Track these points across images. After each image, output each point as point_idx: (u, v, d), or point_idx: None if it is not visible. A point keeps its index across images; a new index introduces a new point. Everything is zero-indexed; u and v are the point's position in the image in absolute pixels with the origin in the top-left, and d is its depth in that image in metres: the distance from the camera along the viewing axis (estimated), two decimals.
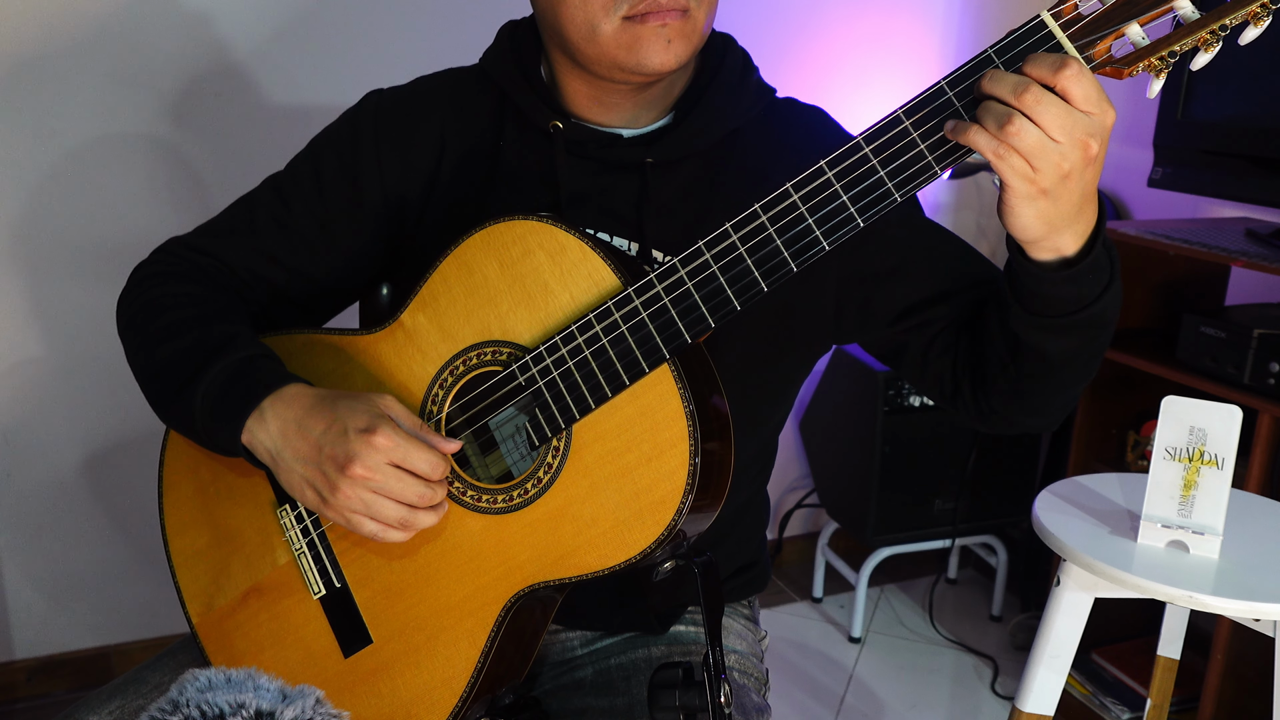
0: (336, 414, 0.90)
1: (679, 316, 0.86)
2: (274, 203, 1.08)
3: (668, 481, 0.84)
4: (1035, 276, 0.86)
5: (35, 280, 1.94)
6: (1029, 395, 0.97)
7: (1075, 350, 0.91)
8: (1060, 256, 0.85)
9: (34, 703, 2.10)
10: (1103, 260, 0.86)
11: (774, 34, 2.40)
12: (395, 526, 0.89)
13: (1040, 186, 0.78)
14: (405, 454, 0.88)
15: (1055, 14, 0.78)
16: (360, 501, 0.88)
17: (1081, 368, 0.94)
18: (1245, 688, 1.77)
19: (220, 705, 0.65)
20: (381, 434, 0.87)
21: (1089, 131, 0.76)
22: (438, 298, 0.95)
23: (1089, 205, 0.83)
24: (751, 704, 1.08)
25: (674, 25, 0.93)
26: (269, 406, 0.92)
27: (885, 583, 2.67)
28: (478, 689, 0.92)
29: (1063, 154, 0.77)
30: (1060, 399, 0.98)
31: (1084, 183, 0.79)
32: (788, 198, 0.84)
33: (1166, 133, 1.93)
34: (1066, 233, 0.83)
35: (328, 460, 0.89)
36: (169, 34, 1.91)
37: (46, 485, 2.04)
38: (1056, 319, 0.88)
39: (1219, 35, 0.76)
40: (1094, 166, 0.79)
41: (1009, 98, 0.76)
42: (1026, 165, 0.77)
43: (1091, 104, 0.76)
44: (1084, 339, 0.91)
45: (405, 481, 0.88)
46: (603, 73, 0.97)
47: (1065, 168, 0.77)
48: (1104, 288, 0.87)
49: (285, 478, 0.93)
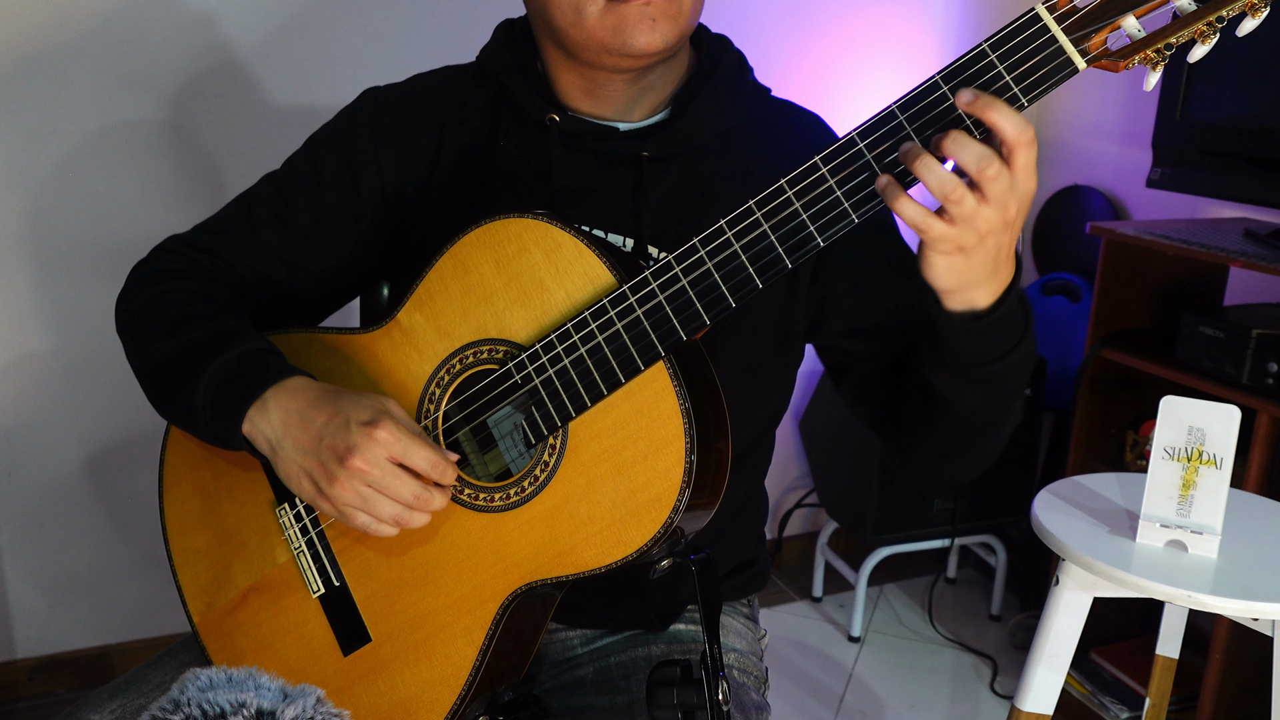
0: (340, 407, 0.90)
1: (674, 314, 0.86)
2: (273, 199, 1.08)
3: (664, 479, 0.84)
4: (946, 326, 0.87)
5: (36, 279, 1.95)
6: (936, 443, 0.99)
7: (979, 405, 0.93)
8: (971, 309, 0.86)
9: (35, 702, 2.10)
10: (1013, 318, 0.88)
11: (773, 35, 2.40)
12: (388, 523, 0.90)
13: (958, 244, 0.79)
14: (406, 449, 0.88)
15: (1050, 7, 0.78)
16: (357, 496, 0.88)
17: (986, 427, 0.96)
18: (1244, 687, 1.77)
19: (221, 704, 0.65)
20: (384, 428, 0.87)
21: (1018, 198, 0.78)
22: (434, 296, 0.95)
23: (1005, 265, 0.84)
24: (751, 702, 1.08)
25: (658, 5, 0.94)
26: (272, 397, 0.92)
27: (885, 582, 2.67)
28: (476, 686, 0.92)
29: (986, 218, 0.78)
30: (966, 458, 1.01)
31: (999, 244, 0.81)
32: (782, 194, 0.84)
33: (1165, 133, 1.93)
34: (980, 289, 0.84)
35: (327, 451, 0.88)
36: (171, 33, 1.92)
37: (47, 484, 2.04)
38: (964, 370, 0.90)
39: (1216, 27, 0.76)
40: (1012, 230, 0.80)
41: (971, 168, 0.76)
42: (949, 227, 0.78)
43: (1030, 173, 0.78)
44: (988, 395, 0.92)
45: (402, 479, 0.88)
46: (591, 58, 0.98)
47: (983, 230, 0.78)
48: (1012, 346, 0.89)
49: (283, 468, 0.92)
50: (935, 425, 0.97)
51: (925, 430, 0.98)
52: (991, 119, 0.76)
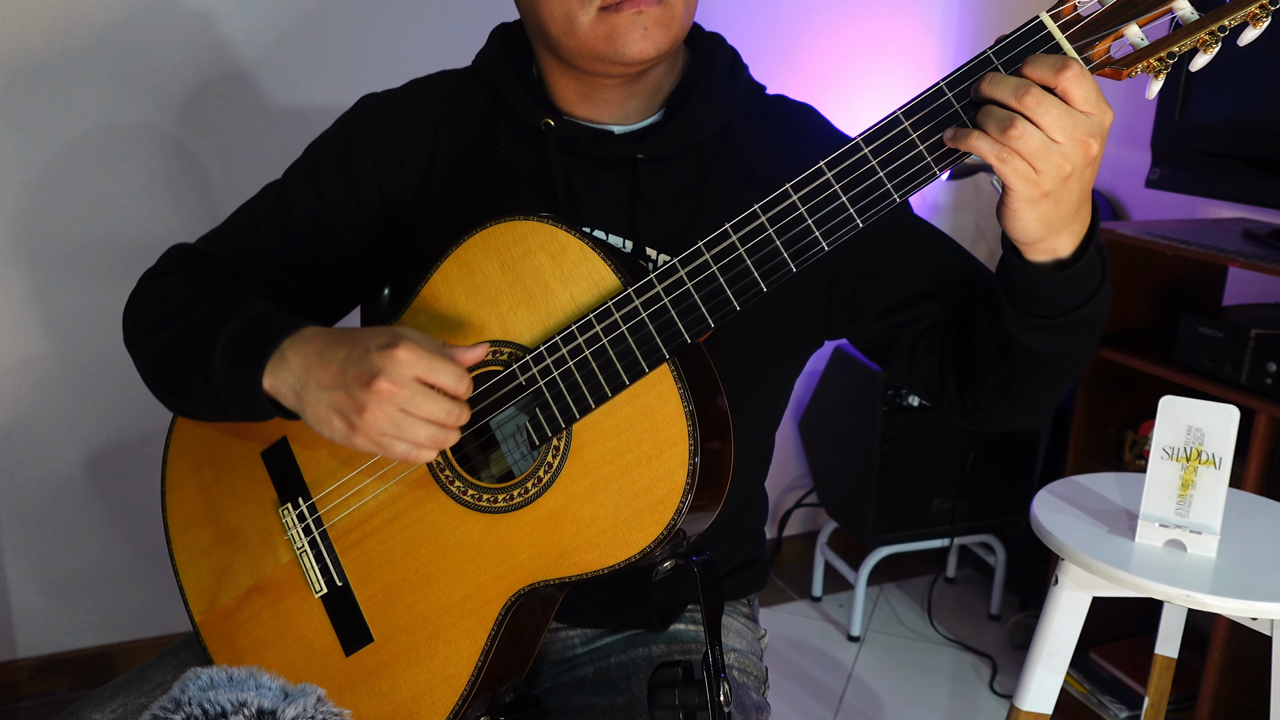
0: (357, 339, 0.89)
1: (679, 317, 0.86)
2: (274, 207, 1.08)
3: (667, 481, 0.85)
4: (1030, 278, 0.86)
5: (39, 280, 1.95)
6: (1017, 394, 0.97)
7: (1065, 350, 0.92)
8: (1055, 258, 0.85)
9: (36, 701, 2.10)
10: (1095, 262, 0.87)
11: (772, 36, 2.40)
12: (427, 445, 0.88)
13: (1043, 189, 0.78)
14: (430, 366, 0.86)
15: (1054, 15, 0.78)
16: (390, 421, 0.86)
17: (1070, 367, 0.95)
18: (1242, 686, 1.77)
19: (222, 703, 0.66)
20: (404, 347, 0.86)
21: (1089, 132, 0.77)
22: (439, 298, 0.96)
23: (1085, 206, 0.83)
24: (751, 702, 1.08)
25: (650, 13, 0.94)
26: (289, 346, 0.92)
27: (884, 582, 2.68)
28: (478, 687, 0.93)
29: (1065, 155, 0.77)
30: (1048, 398, 0.99)
31: (1083, 183, 0.80)
32: (787, 198, 0.84)
33: (1164, 134, 1.93)
34: (1064, 234, 0.83)
35: (353, 381, 0.87)
36: (173, 37, 1.92)
37: (49, 484, 2.04)
38: (1049, 319, 0.89)
39: (1218, 36, 0.76)
40: (1093, 166, 0.79)
41: (1010, 100, 0.76)
42: (1029, 168, 0.77)
43: (1091, 104, 0.76)
44: (1075, 339, 0.91)
45: (432, 397, 0.86)
46: (585, 65, 0.98)
47: (1067, 169, 0.78)
48: (1095, 289, 0.88)
49: (312, 412, 0.90)
50: (1018, 375, 0.95)
51: (1007, 382, 0.96)
52: (1024, 71, 0.77)
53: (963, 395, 1.01)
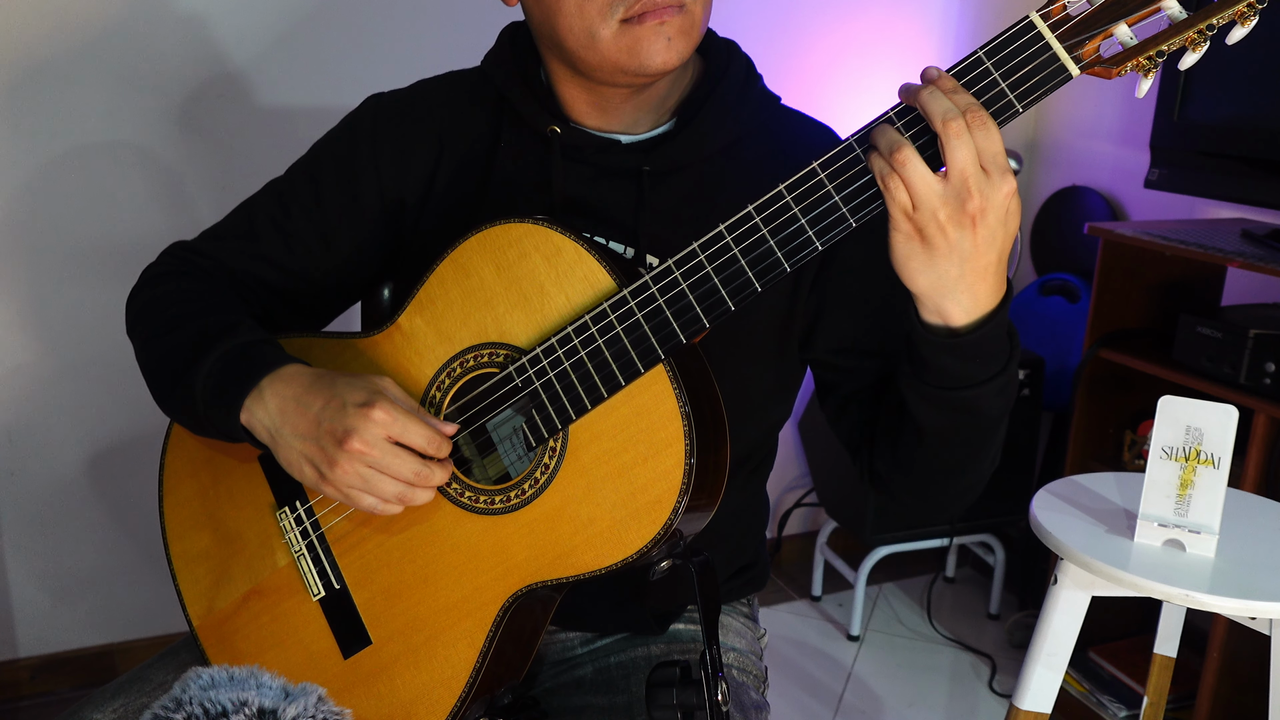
0: (335, 390, 0.90)
1: (674, 317, 0.86)
2: (273, 207, 1.08)
3: (664, 481, 0.85)
4: (919, 335, 0.86)
5: (39, 280, 1.95)
6: (910, 471, 0.97)
7: (947, 431, 0.91)
8: (946, 323, 0.85)
9: (37, 701, 2.10)
10: (996, 347, 0.86)
11: (772, 37, 2.40)
12: (393, 502, 0.90)
13: (916, 226, 0.79)
14: (403, 429, 0.88)
15: (1044, 15, 0.78)
16: (358, 477, 0.89)
17: (961, 457, 0.94)
18: (1241, 686, 1.77)
19: (223, 703, 0.66)
20: (380, 408, 0.88)
21: (978, 186, 0.77)
22: (435, 300, 0.96)
23: (981, 282, 0.82)
24: (750, 701, 1.08)
25: (673, 22, 0.93)
26: (268, 385, 0.93)
27: (884, 581, 2.68)
28: (476, 689, 0.93)
29: (943, 198, 0.78)
30: (941, 487, 0.98)
31: (963, 249, 0.80)
32: (781, 199, 0.84)
33: (1163, 134, 1.93)
34: (952, 299, 0.83)
35: (326, 435, 0.89)
36: (173, 38, 1.92)
37: (50, 484, 2.04)
38: (933, 388, 0.88)
39: (1206, 35, 0.76)
40: (973, 232, 0.79)
41: (935, 120, 0.77)
42: (907, 197, 0.79)
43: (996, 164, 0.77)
44: (956, 422, 0.90)
45: (402, 458, 0.88)
46: (604, 78, 0.97)
47: (941, 217, 0.78)
48: (988, 377, 0.87)
49: (284, 455, 0.93)
50: (904, 447, 0.95)
51: (893, 451, 0.97)
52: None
53: (872, 458, 1.02)
